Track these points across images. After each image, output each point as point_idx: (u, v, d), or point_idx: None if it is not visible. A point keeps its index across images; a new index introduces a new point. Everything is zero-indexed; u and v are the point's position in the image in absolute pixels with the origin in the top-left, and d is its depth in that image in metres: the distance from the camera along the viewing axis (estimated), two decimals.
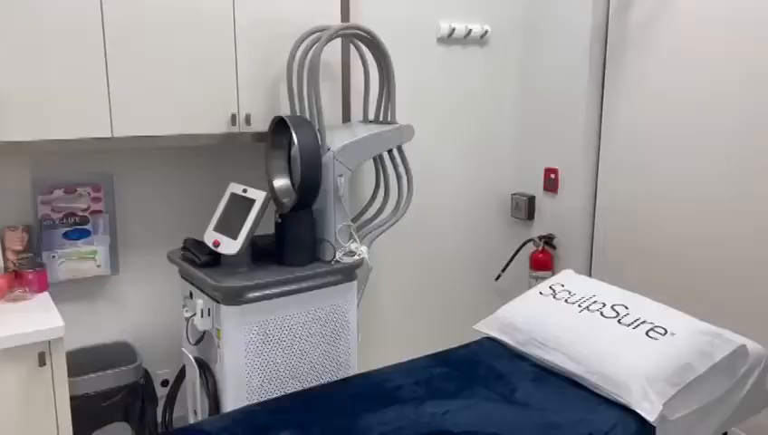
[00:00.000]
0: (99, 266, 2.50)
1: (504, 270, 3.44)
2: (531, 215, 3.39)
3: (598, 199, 3.16)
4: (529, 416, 1.79)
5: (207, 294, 2.28)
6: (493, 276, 3.45)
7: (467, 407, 1.83)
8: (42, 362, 1.99)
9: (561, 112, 3.17)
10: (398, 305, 3.22)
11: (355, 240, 2.51)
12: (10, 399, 1.96)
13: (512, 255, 3.40)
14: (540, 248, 3.28)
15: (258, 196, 2.31)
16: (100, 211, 2.48)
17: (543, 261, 3.25)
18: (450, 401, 1.86)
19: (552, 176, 3.25)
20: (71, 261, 2.44)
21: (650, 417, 1.76)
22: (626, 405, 1.82)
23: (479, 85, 3.25)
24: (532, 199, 3.37)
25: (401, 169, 2.69)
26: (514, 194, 3.43)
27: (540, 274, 3.22)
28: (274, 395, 2.22)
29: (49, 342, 1.99)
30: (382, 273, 3.12)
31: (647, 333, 1.94)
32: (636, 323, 1.99)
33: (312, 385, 2.26)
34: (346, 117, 2.77)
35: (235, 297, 2.19)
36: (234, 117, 2.42)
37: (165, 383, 2.71)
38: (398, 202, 2.74)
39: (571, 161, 3.16)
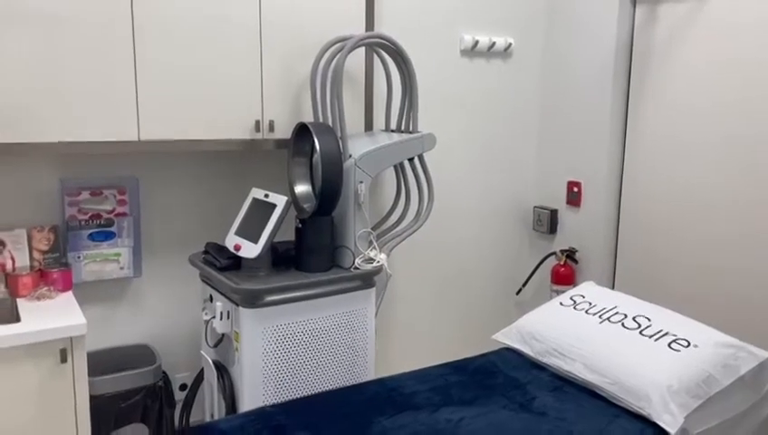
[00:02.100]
0: (122, 268, 2.53)
1: (525, 284, 3.41)
2: (553, 228, 3.36)
3: (621, 213, 3.12)
4: (546, 425, 1.76)
5: (227, 297, 2.30)
6: (513, 290, 3.43)
7: (483, 414, 1.81)
8: (63, 359, 2.02)
9: (585, 126, 3.15)
10: (417, 315, 3.21)
11: (375, 247, 2.51)
12: (31, 394, 1.99)
13: (533, 268, 3.37)
14: (562, 262, 3.24)
15: (280, 200, 2.33)
16: (124, 214, 2.52)
17: (565, 275, 3.21)
18: (466, 409, 1.84)
19: (576, 189, 3.23)
20: (95, 262, 2.48)
21: (671, 429, 1.72)
22: (646, 417, 1.78)
23: (502, 98, 3.25)
24: (554, 213, 3.34)
25: (422, 178, 2.69)
26: (537, 207, 3.41)
27: (561, 288, 3.18)
28: (291, 398, 2.22)
29: (71, 339, 2.02)
30: (402, 282, 3.12)
31: (669, 345, 1.90)
32: (658, 335, 1.96)
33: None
34: (368, 126, 2.78)
35: (253, 300, 2.21)
36: (258, 123, 2.45)
37: (183, 388, 2.72)
38: (419, 211, 2.74)
39: (594, 175, 3.13)
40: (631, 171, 3.05)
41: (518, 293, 3.42)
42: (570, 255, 3.25)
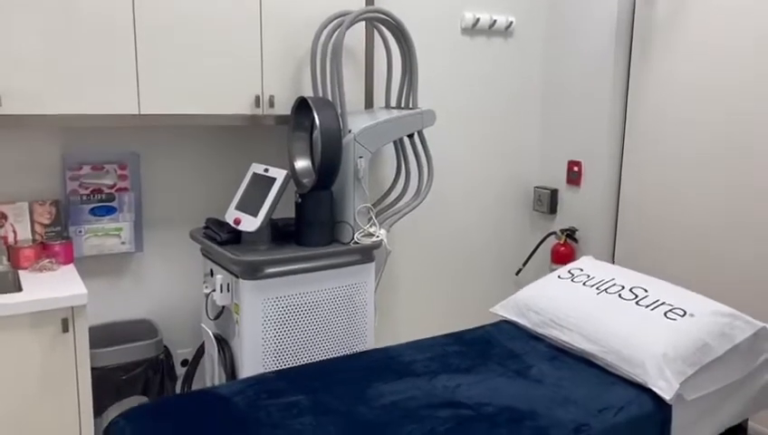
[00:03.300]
0: (123, 243, 2.55)
1: (525, 264, 3.41)
2: (553, 208, 3.37)
3: (621, 193, 3.12)
4: (542, 391, 1.78)
5: (227, 270, 2.31)
6: (513, 270, 3.44)
7: (480, 381, 1.83)
8: (65, 329, 2.04)
9: (586, 105, 3.15)
10: (417, 293, 3.22)
11: (374, 223, 2.52)
12: (33, 364, 2.01)
13: (533, 248, 3.38)
14: (562, 242, 3.25)
15: (279, 174, 2.34)
16: (126, 189, 2.53)
17: (565, 254, 3.22)
18: (463, 376, 1.86)
19: (576, 169, 3.23)
20: (96, 237, 2.49)
21: (666, 395, 1.73)
22: (642, 384, 1.79)
23: (503, 76, 3.25)
24: (554, 193, 3.35)
25: (422, 155, 2.70)
26: (537, 187, 3.42)
27: (561, 267, 3.19)
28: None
29: (72, 308, 2.04)
30: (402, 260, 3.13)
31: (665, 314, 1.91)
32: (654, 305, 1.97)
33: None
34: (368, 103, 2.79)
35: (253, 272, 2.22)
36: (258, 99, 2.46)
37: (185, 363, 2.74)
38: (419, 188, 2.75)
39: (595, 155, 3.14)
40: (632, 150, 3.05)
41: (518, 273, 3.43)
42: (570, 234, 3.25)
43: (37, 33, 2.07)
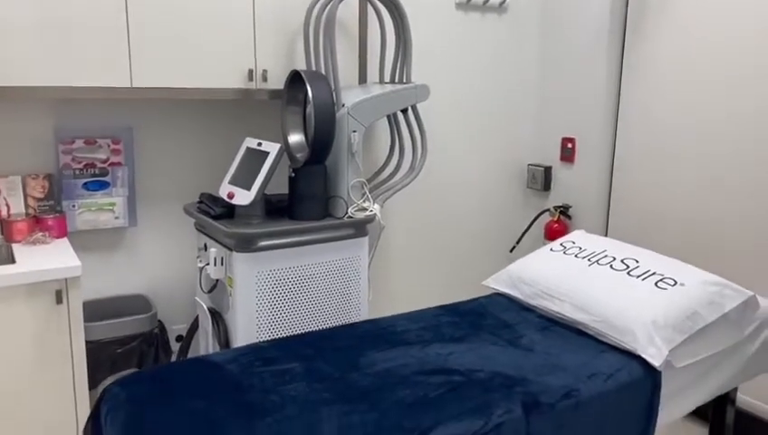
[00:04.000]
0: (117, 218, 2.55)
1: (518, 241, 3.43)
2: (547, 186, 3.38)
3: (615, 169, 3.13)
4: (533, 359, 1.80)
5: (221, 243, 2.32)
6: (507, 247, 3.45)
7: (472, 350, 1.85)
8: (59, 300, 2.04)
9: (580, 81, 3.15)
10: (411, 269, 3.24)
11: (368, 198, 2.53)
12: (28, 335, 2.02)
13: (527, 226, 3.39)
14: (555, 219, 3.26)
15: (272, 148, 2.34)
16: (119, 163, 2.53)
17: (558, 231, 3.23)
18: (456, 345, 1.88)
19: (570, 146, 3.24)
20: (90, 212, 2.50)
21: (656, 362, 1.75)
22: (632, 351, 1.81)
23: (497, 53, 3.25)
24: (548, 170, 3.35)
25: (416, 130, 2.70)
26: (531, 165, 3.42)
27: None
28: None
29: (66, 280, 2.05)
30: (396, 238, 3.14)
31: (656, 284, 1.93)
32: (645, 275, 1.98)
33: None
34: (362, 78, 2.79)
35: (246, 244, 2.23)
36: (250, 72, 2.45)
37: (179, 339, 2.75)
38: (413, 163, 2.75)
39: (588, 131, 3.14)
40: (625, 126, 3.05)
41: (512, 250, 3.45)
42: (563, 211, 3.27)
43: (28, 3, 2.06)
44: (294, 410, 1.49)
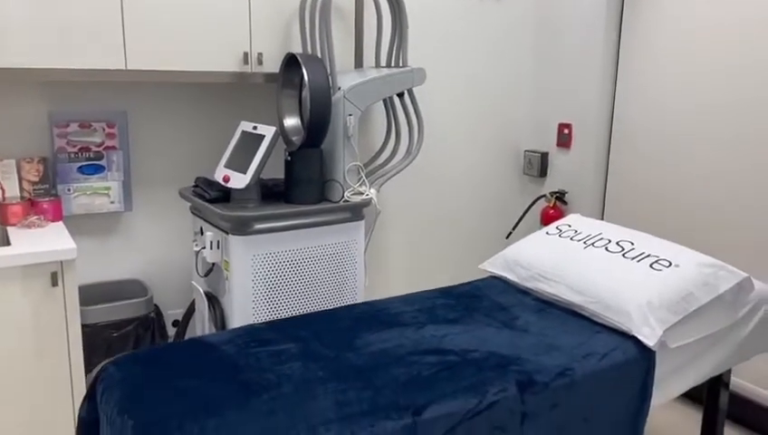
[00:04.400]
0: (112, 203, 2.55)
1: (515, 227, 3.43)
2: (543, 172, 3.38)
3: (611, 154, 3.13)
4: (528, 340, 1.80)
5: (217, 227, 2.32)
6: (503, 233, 3.45)
7: (467, 331, 1.85)
8: (54, 283, 2.04)
9: (577, 67, 3.14)
10: (407, 255, 3.24)
11: (364, 182, 2.53)
12: (23, 318, 2.02)
13: (523, 212, 3.39)
14: (552, 204, 3.26)
15: (268, 131, 2.34)
16: (114, 147, 2.52)
17: (555, 217, 3.23)
18: (451, 326, 1.88)
19: (566, 131, 3.24)
20: (85, 195, 2.49)
21: (650, 342, 1.76)
22: (626, 331, 1.81)
23: (494, 37, 3.24)
24: (545, 156, 3.35)
25: (412, 114, 2.70)
26: (527, 151, 3.42)
27: None
28: None
29: (61, 262, 2.04)
30: (392, 223, 3.14)
31: (651, 266, 1.93)
32: (641, 257, 1.99)
33: None
34: (358, 62, 2.78)
35: (242, 227, 2.23)
36: (246, 55, 2.44)
37: (175, 324, 2.76)
38: (409, 147, 2.75)
39: (585, 116, 3.14)
40: (622, 112, 3.05)
41: (508, 236, 3.45)
42: (559, 197, 3.27)
43: None
44: (290, 388, 1.49)
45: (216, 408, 1.40)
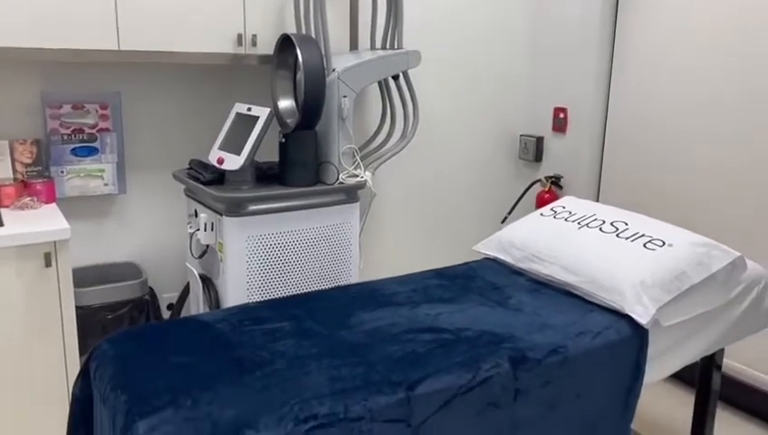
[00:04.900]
0: (106, 185, 2.54)
1: (510, 212, 3.43)
2: (539, 156, 3.38)
3: (607, 139, 3.13)
4: (521, 318, 1.81)
5: (211, 208, 2.31)
6: (499, 218, 3.45)
7: (461, 310, 1.85)
8: (48, 263, 2.04)
9: (573, 50, 3.14)
10: (402, 239, 3.24)
11: (359, 165, 2.52)
12: (17, 299, 2.02)
13: (518, 197, 3.39)
14: (547, 189, 3.27)
15: (262, 112, 2.33)
16: (107, 129, 2.51)
17: (550, 201, 3.21)
18: (445, 305, 1.88)
19: (562, 115, 3.23)
20: (78, 178, 2.48)
21: (643, 320, 1.76)
22: (619, 310, 1.82)
23: (490, 21, 3.22)
24: (540, 140, 3.35)
25: (407, 97, 2.69)
26: (523, 135, 3.42)
27: None
28: None
29: (55, 243, 2.04)
30: (387, 207, 3.14)
31: (644, 245, 1.94)
32: (634, 237, 1.99)
33: None
34: (353, 45, 2.77)
35: (237, 209, 2.22)
36: (240, 37, 2.43)
37: (170, 307, 2.76)
38: (404, 130, 2.74)
39: (581, 100, 3.14)
40: (617, 96, 3.05)
41: (503, 221, 3.45)
42: (555, 181, 3.27)
43: None
44: (283, 364, 1.49)
45: (209, 383, 1.41)
